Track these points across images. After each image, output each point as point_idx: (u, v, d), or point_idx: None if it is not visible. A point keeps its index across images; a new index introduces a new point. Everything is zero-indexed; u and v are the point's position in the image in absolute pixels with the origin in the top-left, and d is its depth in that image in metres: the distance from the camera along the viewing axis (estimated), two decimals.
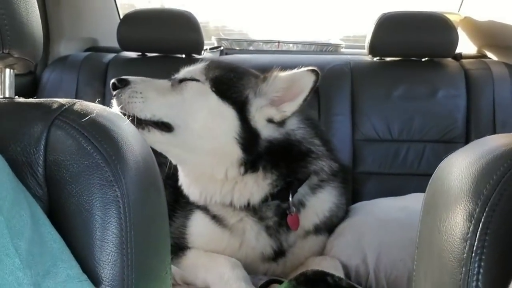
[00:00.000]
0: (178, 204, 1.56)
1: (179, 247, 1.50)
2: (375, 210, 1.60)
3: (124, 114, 1.29)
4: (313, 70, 1.34)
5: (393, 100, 2.18)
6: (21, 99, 0.81)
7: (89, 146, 0.65)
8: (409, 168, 2.13)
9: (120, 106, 1.31)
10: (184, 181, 1.47)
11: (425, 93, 2.19)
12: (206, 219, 1.46)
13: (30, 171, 0.66)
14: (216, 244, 1.44)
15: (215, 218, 1.44)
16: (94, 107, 0.75)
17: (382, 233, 1.44)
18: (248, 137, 1.33)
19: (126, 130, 0.73)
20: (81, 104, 0.75)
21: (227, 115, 1.33)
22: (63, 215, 0.64)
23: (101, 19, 2.72)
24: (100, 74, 2.32)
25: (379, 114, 2.17)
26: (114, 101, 1.34)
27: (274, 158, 1.36)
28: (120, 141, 0.68)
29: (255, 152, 1.34)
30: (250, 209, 1.39)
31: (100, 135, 0.67)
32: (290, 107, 1.36)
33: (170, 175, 1.60)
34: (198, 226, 1.49)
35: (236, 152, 1.33)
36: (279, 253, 1.44)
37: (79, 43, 2.59)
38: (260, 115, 1.36)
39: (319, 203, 1.47)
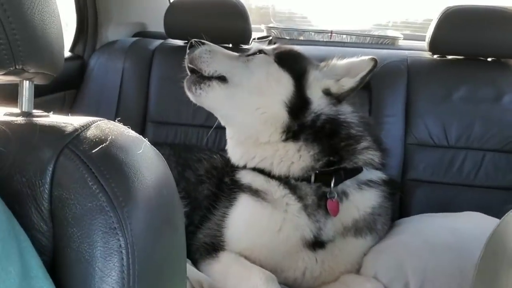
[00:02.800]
0: (222, 192, 1.58)
1: (213, 247, 1.48)
2: (421, 229, 1.47)
3: (191, 70, 1.47)
4: (372, 58, 1.41)
5: (452, 103, 2.00)
6: (38, 113, 0.75)
7: (94, 185, 0.58)
8: (464, 179, 1.96)
9: (190, 60, 1.46)
10: (229, 143, 1.55)
11: (489, 96, 1.99)
12: (249, 198, 1.45)
13: (34, 205, 0.61)
14: (256, 224, 1.42)
15: (258, 193, 1.44)
16: (111, 132, 0.68)
17: (428, 258, 1.32)
18: (298, 104, 1.38)
19: (141, 161, 0.66)
20: (98, 127, 0.68)
21: (282, 80, 1.41)
22: (63, 261, 0.59)
23: (150, 4, 2.68)
24: (145, 61, 2.29)
25: (435, 117, 2.00)
26: (186, 58, 1.49)
27: (318, 132, 1.39)
28: (131, 178, 0.62)
29: (301, 120, 1.38)
30: (291, 186, 1.40)
31: (109, 171, 0.60)
32: (349, 82, 1.42)
33: (214, 165, 1.73)
34: (240, 209, 1.48)
35: (281, 116, 1.38)
36: (318, 244, 1.39)
37: (127, 28, 2.57)
38: (317, 84, 1.42)
39: (362, 198, 1.43)
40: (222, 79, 1.43)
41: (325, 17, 3.30)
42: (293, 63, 1.45)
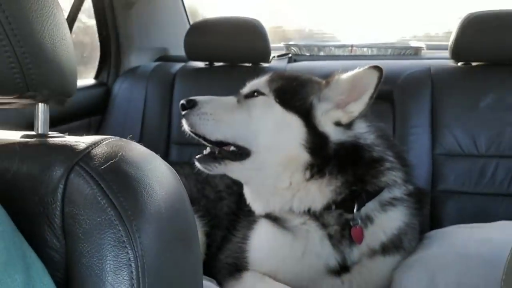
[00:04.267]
0: (242, 212, 1.55)
1: (236, 268, 1.46)
2: (453, 241, 1.41)
3: (195, 134, 1.38)
4: (375, 67, 1.30)
5: (479, 111, 1.94)
6: (53, 135, 0.76)
7: (103, 199, 0.58)
8: (497, 188, 1.88)
9: (190, 126, 1.38)
10: (249, 196, 1.46)
11: None
12: (269, 225, 1.42)
13: (47, 223, 0.61)
14: (278, 251, 1.39)
15: (277, 220, 1.40)
16: (121, 148, 0.68)
17: (460, 271, 1.26)
18: (316, 141, 1.31)
19: (152, 176, 0.65)
20: (109, 145, 0.69)
21: (292, 124, 1.33)
22: (75, 276, 0.58)
23: (171, 29, 2.74)
24: (167, 85, 2.33)
25: (463, 126, 1.95)
26: (184, 121, 1.40)
27: (342, 163, 1.32)
28: (140, 192, 0.61)
29: (324, 155, 1.31)
30: (311, 214, 1.34)
31: (118, 186, 0.60)
32: (357, 107, 1.33)
33: (235, 181, 1.64)
34: (260, 235, 1.46)
35: (303, 157, 1.31)
36: (343, 268, 1.35)
37: (149, 53, 2.63)
38: (327, 118, 1.34)
39: (388, 220, 1.37)
40: (240, 152, 1.35)
41: (346, 34, 3.31)
42: (296, 101, 1.35)
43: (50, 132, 0.80)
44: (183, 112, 1.40)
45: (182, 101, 1.41)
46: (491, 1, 2.35)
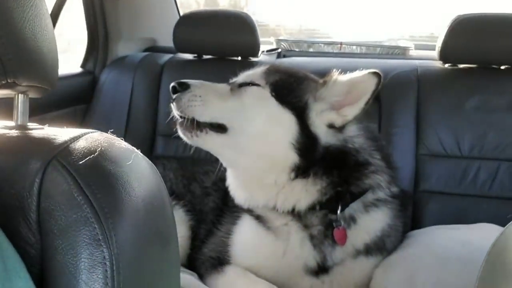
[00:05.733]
0: (227, 207, 1.54)
1: (219, 261, 1.47)
2: (433, 242, 1.42)
3: (183, 118, 1.32)
4: (374, 73, 1.29)
5: (464, 112, 1.96)
6: (33, 126, 0.75)
7: (80, 196, 0.58)
8: (479, 190, 1.90)
9: (180, 109, 1.32)
10: (232, 183, 1.45)
11: (503, 105, 1.94)
12: (252, 222, 1.42)
13: (22, 217, 0.61)
14: (259, 249, 1.40)
15: (260, 219, 1.40)
16: (101, 143, 0.67)
17: (439, 272, 1.28)
18: (306, 142, 1.29)
19: (131, 173, 0.65)
20: (88, 139, 0.68)
21: (285, 121, 1.30)
22: (49, 273, 0.58)
23: (160, 19, 2.71)
24: (155, 75, 2.31)
25: (447, 127, 1.96)
26: (173, 105, 1.34)
27: (328, 165, 1.30)
28: (118, 190, 0.61)
29: (312, 157, 1.29)
30: (295, 214, 1.34)
31: (96, 182, 0.59)
32: (352, 111, 1.31)
33: (222, 178, 1.61)
34: (243, 231, 1.46)
35: (291, 158, 1.29)
36: (322, 269, 1.36)
37: (137, 43, 2.60)
38: (321, 120, 1.32)
39: (371, 222, 1.38)
40: (220, 127, 1.32)
41: (335, 31, 3.31)
42: (292, 97, 1.32)
43: (29, 124, 0.79)
44: (174, 96, 1.34)
45: (173, 84, 1.35)
46: (477, 4, 2.37)
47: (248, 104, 1.33)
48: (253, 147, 1.31)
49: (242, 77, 1.41)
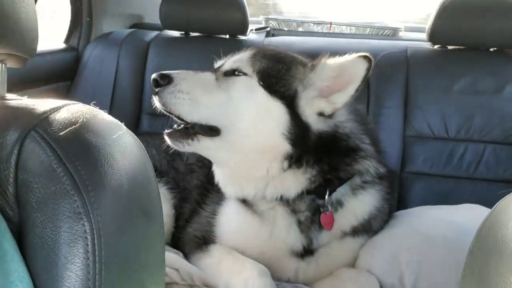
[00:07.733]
0: (212, 186, 1.50)
1: (204, 241, 1.46)
2: (418, 222, 1.43)
3: (169, 112, 1.26)
4: (365, 57, 1.23)
5: (452, 94, 1.96)
6: (11, 97, 0.72)
7: (60, 167, 0.55)
8: (464, 171, 1.92)
9: (163, 104, 1.25)
10: (221, 180, 1.40)
11: (491, 87, 1.95)
12: (238, 205, 1.40)
13: (0, 190, 0.58)
14: (245, 231, 1.39)
15: (246, 202, 1.38)
16: (82, 115, 0.65)
17: (423, 251, 1.29)
18: (298, 131, 1.25)
19: (114, 146, 0.62)
20: (69, 110, 0.65)
21: (276, 112, 1.25)
22: (26, 247, 0.56)
23: None
24: (141, 53, 2.27)
25: (435, 109, 1.96)
26: (155, 98, 1.26)
27: (319, 153, 1.27)
28: (100, 161, 0.58)
29: (305, 145, 1.26)
30: (283, 200, 1.31)
31: (76, 154, 0.57)
32: (341, 98, 1.26)
33: None
34: (229, 212, 1.44)
35: (283, 148, 1.25)
36: (308, 251, 1.35)
37: (123, 20, 2.54)
38: (310, 108, 1.27)
39: (358, 204, 1.37)
40: (212, 129, 1.26)
41: (325, 12, 3.27)
42: (281, 86, 1.27)
43: (8, 94, 0.76)
44: (156, 90, 1.26)
45: (154, 76, 1.26)
46: None
47: (237, 98, 1.27)
48: (246, 142, 1.26)
49: (229, 63, 1.34)
